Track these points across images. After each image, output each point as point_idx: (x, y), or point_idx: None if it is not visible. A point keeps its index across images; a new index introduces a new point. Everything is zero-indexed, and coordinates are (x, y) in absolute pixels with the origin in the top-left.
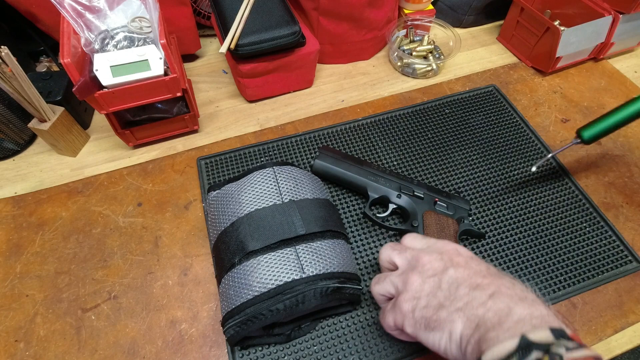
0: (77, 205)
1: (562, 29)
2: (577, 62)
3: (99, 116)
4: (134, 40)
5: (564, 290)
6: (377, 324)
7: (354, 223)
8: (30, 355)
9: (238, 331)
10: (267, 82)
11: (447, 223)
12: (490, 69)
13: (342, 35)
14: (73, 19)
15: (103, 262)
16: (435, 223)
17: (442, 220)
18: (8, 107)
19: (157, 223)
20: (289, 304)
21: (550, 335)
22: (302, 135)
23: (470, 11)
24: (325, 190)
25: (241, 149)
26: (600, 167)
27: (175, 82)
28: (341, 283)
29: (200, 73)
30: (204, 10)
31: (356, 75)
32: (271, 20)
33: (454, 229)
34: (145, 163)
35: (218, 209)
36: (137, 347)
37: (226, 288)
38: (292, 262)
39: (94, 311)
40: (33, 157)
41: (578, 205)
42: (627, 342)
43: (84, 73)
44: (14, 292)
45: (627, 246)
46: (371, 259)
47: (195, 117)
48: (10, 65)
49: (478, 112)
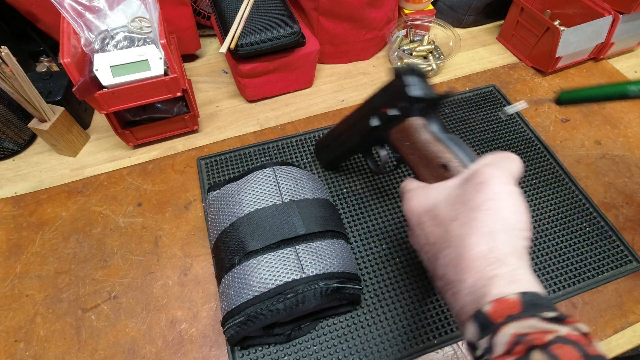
0: (77, 205)
1: (562, 29)
2: (577, 62)
3: (99, 116)
4: (134, 40)
5: (564, 290)
6: (377, 324)
7: (354, 223)
8: (30, 355)
9: (238, 331)
10: (267, 82)
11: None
12: (490, 69)
13: (342, 35)
14: (73, 19)
15: (103, 262)
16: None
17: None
18: (8, 107)
19: (157, 223)
20: (289, 304)
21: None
22: (302, 135)
23: (470, 11)
24: (325, 190)
25: (241, 149)
26: (600, 167)
27: (175, 82)
28: (341, 283)
29: (200, 73)
30: (204, 10)
31: (356, 75)
32: (271, 20)
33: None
34: (145, 163)
35: (218, 209)
36: (137, 347)
37: (226, 288)
38: (292, 262)
39: (94, 311)
40: (33, 157)
41: (578, 205)
42: (627, 342)
43: (84, 73)
44: (14, 292)
45: (627, 246)
46: (371, 259)
47: (195, 117)
48: (10, 65)
49: (478, 112)
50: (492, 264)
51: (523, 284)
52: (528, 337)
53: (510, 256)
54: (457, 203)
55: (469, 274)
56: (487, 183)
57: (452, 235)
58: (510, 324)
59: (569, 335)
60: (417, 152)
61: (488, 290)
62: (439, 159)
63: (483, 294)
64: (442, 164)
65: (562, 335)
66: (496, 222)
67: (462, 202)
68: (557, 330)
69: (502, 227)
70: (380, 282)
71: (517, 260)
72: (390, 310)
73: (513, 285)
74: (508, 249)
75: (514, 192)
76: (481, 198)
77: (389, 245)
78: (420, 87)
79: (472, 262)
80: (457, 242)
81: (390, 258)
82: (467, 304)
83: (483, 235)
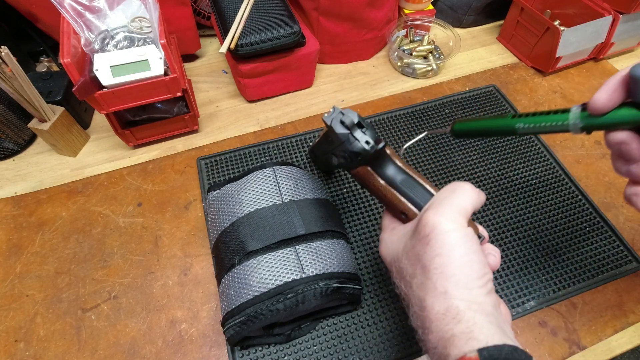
0: (77, 205)
1: (562, 29)
2: (577, 62)
3: (99, 116)
4: (134, 40)
5: (564, 290)
6: (377, 324)
7: (354, 223)
8: (30, 355)
9: (238, 331)
10: (267, 82)
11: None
12: (490, 69)
13: (342, 35)
14: (73, 19)
15: (103, 262)
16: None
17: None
18: (8, 107)
19: (157, 223)
20: (289, 304)
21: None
22: (302, 135)
23: (470, 11)
24: (325, 190)
25: (241, 149)
26: (600, 167)
27: (175, 82)
28: (341, 283)
29: (200, 73)
30: (204, 10)
31: (356, 75)
32: (271, 20)
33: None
34: (145, 163)
35: (218, 209)
36: (137, 347)
37: (226, 288)
38: (292, 262)
39: (94, 311)
40: (33, 157)
41: (578, 205)
42: (627, 342)
43: (84, 73)
44: (14, 292)
45: (627, 246)
46: (371, 259)
47: (195, 117)
48: (10, 65)
49: (478, 112)
50: (449, 324)
51: (481, 339)
52: None
53: (467, 311)
54: (412, 258)
55: (432, 335)
56: (431, 236)
57: (414, 294)
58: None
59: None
60: (376, 196)
61: (449, 350)
62: (397, 206)
63: (446, 354)
64: (401, 211)
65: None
66: (447, 281)
67: (415, 257)
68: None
69: (454, 284)
70: (380, 282)
71: (474, 313)
72: (390, 310)
73: (472, 342)
74: (463, 305)
75: (460, 238)
76: (429, 255)
77: None
78: (358, 139)
79: (431, 323)
80: (418, 302)
81: None
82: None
83: (437, 297)
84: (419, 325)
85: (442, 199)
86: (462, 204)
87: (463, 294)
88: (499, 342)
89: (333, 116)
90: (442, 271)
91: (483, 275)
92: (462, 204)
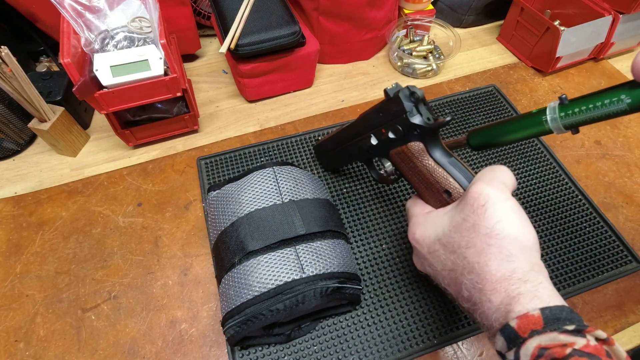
0: (77, 205)
1: (562, 29)
2: (577, 62)
3: (99, 116)
4: (134, 40)
5: (564, 290)
6: (377, 324)
7: (354, 223)
8: (30, 355)
9: (238, 331)
10: (267, 82)
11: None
12: (490, 69)
13: (342, 35)
14: (73, 19)
15: (103, 262)
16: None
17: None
18: (8, 107)
19: (157, 223)
20: (289, 304)
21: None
22: (302, 135)
23: (470, 11)
24: (325, 190)
25: (241, 149)
26: (600, 167)
27: (175, 82)
28: (341, 283)
29: (200, 73)
30: (204, 10)
31: (356, 75)
32: (271, 20)
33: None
34: (145, 163)
35: (218, 209)
36: (137, 347)
37: (226, 288)
38: (292, 262)
39: (94, 311)
40: (33, 157)
41: (578, 205)
42: (627, 342)
43: (84, 73)
44: (14, 292)
45: (627, 246)
46: (371, 259)
47: (195, 117)
48: (10, 65)
49: (478, 112)
50: (515, 284)
51: (544, 299)
52: (549, 351)
53: (530, 272)
54: (465, 230)
55: (495, 296)
56: (488, 205)
57: (471, 262)
58: (533, 338)
59: (586, 346)
60: (418, 176)
61: (513, 307)
62: (442, 185)
63: (509, 310)
64: (445, 190)
65: (579, 348)
66: (511, 245)
67: (470, 228)
68: (575, 343)
69: (518, 247)
70: (380, 282)
71: (537, 274)
72: (390, 310)
73: (536, 301)
74: (527, 267)
75: (515, 206)
76: (489, 222)
77: (389, 245)
78: (421, 113)
79: (496, 285)
80: (478, 269)
81: (390, 258)
82: (495, 320)
83: (502, 260)
84: (474, 297)
85: (487, 177)
86: (505, 180)
87: (526, 256)
88: (559, 303)
89: (399, 88)
90: (505, 235)
91: (536, 240)
92: (506, 180)
